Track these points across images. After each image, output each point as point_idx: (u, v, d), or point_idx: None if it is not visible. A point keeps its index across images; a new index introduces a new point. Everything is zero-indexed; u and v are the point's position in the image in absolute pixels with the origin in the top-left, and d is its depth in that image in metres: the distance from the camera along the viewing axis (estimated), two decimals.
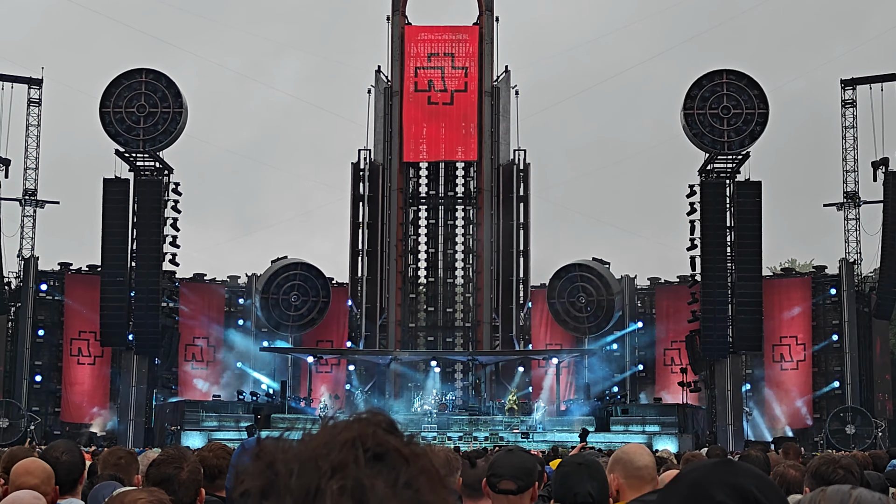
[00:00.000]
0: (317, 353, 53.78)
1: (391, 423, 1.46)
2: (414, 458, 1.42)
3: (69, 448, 6.39)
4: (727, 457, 11.39)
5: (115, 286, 48.99)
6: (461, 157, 57.35)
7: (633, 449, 5.55)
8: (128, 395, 49.40)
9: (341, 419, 1.46)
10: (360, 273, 56.08)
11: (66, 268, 54.82)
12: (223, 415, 48.59)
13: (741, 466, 2.06)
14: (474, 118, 56.50)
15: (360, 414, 1.47)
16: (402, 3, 57.30)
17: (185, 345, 55.26)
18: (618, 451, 5.65)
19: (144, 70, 50.99)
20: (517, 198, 56.51)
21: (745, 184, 49.68)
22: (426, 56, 56.91)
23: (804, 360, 53.48)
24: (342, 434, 1.41)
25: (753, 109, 49.49)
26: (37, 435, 47.94)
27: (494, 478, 5.19)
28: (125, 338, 49.16)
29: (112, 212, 49.38)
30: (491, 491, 5.22)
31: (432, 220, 58.58)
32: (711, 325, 48.88)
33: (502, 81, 57.33)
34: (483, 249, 55.99)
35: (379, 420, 1.45)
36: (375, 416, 1.46)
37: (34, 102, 56.03)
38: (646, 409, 50.07)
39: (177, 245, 50.47)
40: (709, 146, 49.77)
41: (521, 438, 44.03)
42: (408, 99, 56.73)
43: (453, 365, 56.56)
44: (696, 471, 2.08)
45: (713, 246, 48.94)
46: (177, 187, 50.75)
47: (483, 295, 55.66)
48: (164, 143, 50.34)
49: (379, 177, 56.44)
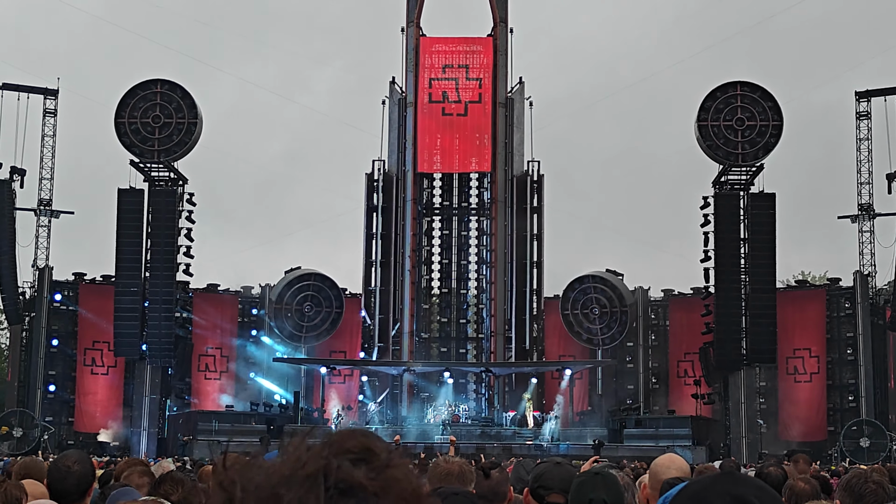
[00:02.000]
0: (330, 364, 53.81)
1: (365, 448, 1.37)
2: (384, 491, 1.33)
3: (80, 458, 6.40)
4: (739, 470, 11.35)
5: (129, 296, 49.14)
6: (475, 168, 57.38)
7: (664, 461, 5.60)
8: (141, 405, 49.51)
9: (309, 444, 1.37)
10: (373, 284, 56.11)
11: (81, 278, 54.99)
12: (236, 425, 48.63)
13: (743, 478, 2.06)
14: (488, 129, 56.54)
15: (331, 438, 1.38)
16: (417, 15, 57.42)
17: (199, 355, 55.34)
18: (654, 461, 5.72)
19: (160, 81, 51.20)
20: (531, 209, 56.50)
21: (759, 196, 49.60)
22: (441, 67, 57.00)
23: (818, 373, 53.28)
24: (307, 466, 1.33)
25: (767, 121, 49.44)
26: (50, 445, 48.07)
27: (543, 490, 5.19)
28: (139, 348, 49.27)
29: (126, 222, 49.56)
30: (536, 502, 5.23)
31: (446, 230, 58.61)
32: (725, 337, 48.76)
33: (516, 93, 57.39)
34: (497, 260, 55.96)
35: (349, 447, 1.36)
36: (346, 443, 1.36)
37: (50, 113, 56.27)
38: (659, 421, 49.95)
39: (191, 255, 50.62)
40: (723, 158, 49.71)
41: (533, 450, 43.94)
42: (422, 110, 56.81)
43: (466, 376, 56.52)
44: (698, 483, 2.10)
45: (727, 258, 48.85)
46: (191, 198, 50.91)
47: (497, 306, 55.60)
48: (178, 154, 50.52)
49: (393, 187, 56.50)
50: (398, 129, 56.99)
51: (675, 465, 5.53)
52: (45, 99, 56.16)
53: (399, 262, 55.98)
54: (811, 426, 52.57)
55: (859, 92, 55.51)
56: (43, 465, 6.48)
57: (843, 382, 52.99)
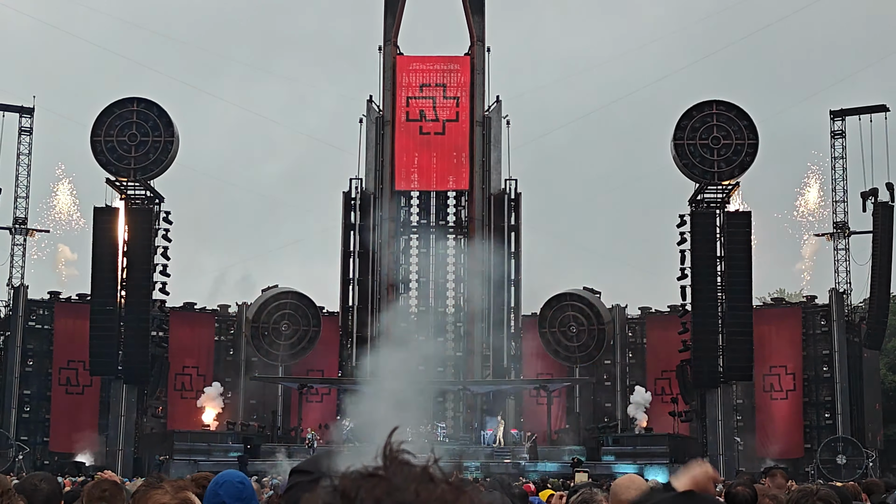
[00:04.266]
0: (307, 383, 53.61)
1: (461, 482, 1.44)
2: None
3: (47, 477, 6.38)
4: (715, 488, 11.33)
5: (105, 315, 48.82)
6: (452, 186, 57.42)
7: (623, 482, 5.62)
8: (116, 424, 49.16)
9: (413, 467, 1.41)
10: (351, 302, 56.00)
11: (56, 297, 54.68)
12: (212, 444, 48.40)
13: (701, 498, 2.06)
14: (466, 148, 56.61)
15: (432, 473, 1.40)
16: (394, 34, 57.52)
17: (175, 374, 55.05)
18: (614, 482, 5.76)
19: (136, 99, 51.07)
20: (508, 227, 56.57)
21: (734, 214, 49.82)
22: (418, 86, 57.09)
23: (794, 390, 53.46)
24: (422, 497, 1.37)
25: (743, 140, 49.70)
26: (25, 465, 47.68)
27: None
28: (114, 367, 48.95)
29: (102, 240, 49.31)
30: None
31: (423, 249, 58.54)
32: (702, 354, 48.87)
33: (494, 111, 57.52)
34: (474, 278, 55.94)
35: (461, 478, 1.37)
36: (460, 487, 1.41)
37: (25, 131, 56.05)
38: (637, 438, 49.99)
39: (167, 274, 50.40)
40: (699, 177, 49.93)
41: (511, 469, 43.87)
42: (399, 128, 56.86)
43: (444, 395, 56.41)
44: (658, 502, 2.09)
45: (703, 276, 49.00)
46: (167, 216, 50.72)
47: (474, 324, 55.56)
48: (155, 172, 50.36)
49: (370, 206, 56.47)
50: (376, 148, 56.99)
51: (634, 485, 5.53)
52: (21, 117, 55.98)
53: (376, 280, 55.89)
54: (788, 443, 52.72)
55: (834, 111, 55.93)
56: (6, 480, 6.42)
57: (819, 400, 53.17)
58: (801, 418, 53.19)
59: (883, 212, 51.61)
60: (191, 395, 55.45)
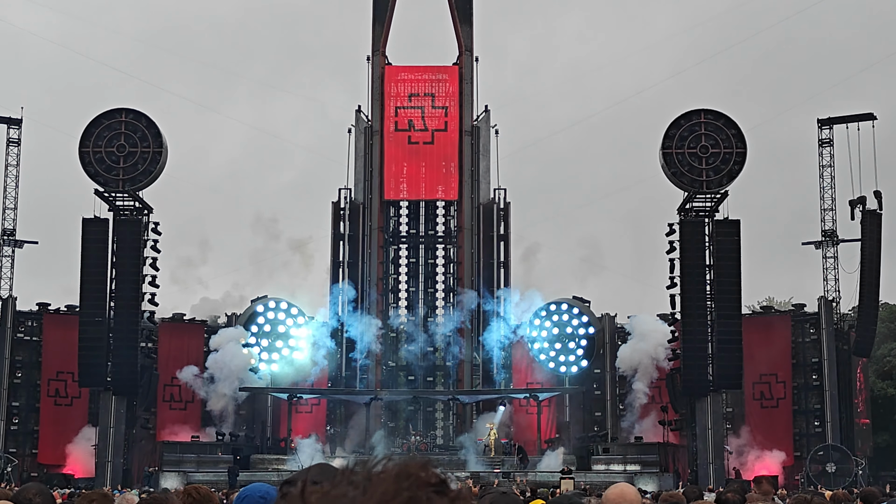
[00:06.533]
0: (296, 393, 53.51)
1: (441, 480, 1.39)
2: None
3: (41, 490, 6.35)
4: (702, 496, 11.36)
5: (94, 326, 48.62)
6: (441, 195, 57.47)
7: (615, 494, 5.45)
8: (106, 436, 48.94)
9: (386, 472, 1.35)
10: (340, 312, 55.92)
11: (45, 308, 54.49)
12: (202, 456, 48.26)
13: None
14: (455, 157, 56.68)
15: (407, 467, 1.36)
16: (383, 44, 57.59)
17: (164, 385, 54.83)
18: (605, 494, 5.55)
19: (124, 110, 50.88)
20: (497, 236, 56.61)
21: (723, 222, 49.86)
22: (406, 96, 57.15)
23: (784, 398, 53.51)
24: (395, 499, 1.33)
25: (731, 149, 49.76)
26: (14, 477, 47.45)
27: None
28: (103, 378, 48.73)
29: (91, 252, 49.12)
30: None
31: (413, 258, 58.55)
32: (692, 363, 48.89)
33: (482, 121, 57.60)
34: (464, 288, 55.95)
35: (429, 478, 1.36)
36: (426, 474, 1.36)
37: (13, 142, 55.91)
38: (626, 447, 49.99)
39: (156, 285, 50.25)
40: (687, 185, 49.98)
41: (501, 478, 43.83)
42: (388, 138, 56.90)
43: (434, 404, 56.35)
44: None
45: (693, 284, 49.02)
46: (156, 227, 50.58)
47: (464, 333, 55.55)
48: (143, 183, 50.20)
49: (359, 216, 56.47)
50: (364, 158, 57.02)
51: (626, 498, 5.38)
52: (9, 128, 55.86)
53: (366, 290, 55.87)
54: (778, 451, 52.70)
55: (821, 119, 56.11)
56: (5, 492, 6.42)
57: (808, 407, 53.24)
58: (791, 426, 53.23)
59: (871, 220, 51.76)
60: (179, 407, 55.28)
